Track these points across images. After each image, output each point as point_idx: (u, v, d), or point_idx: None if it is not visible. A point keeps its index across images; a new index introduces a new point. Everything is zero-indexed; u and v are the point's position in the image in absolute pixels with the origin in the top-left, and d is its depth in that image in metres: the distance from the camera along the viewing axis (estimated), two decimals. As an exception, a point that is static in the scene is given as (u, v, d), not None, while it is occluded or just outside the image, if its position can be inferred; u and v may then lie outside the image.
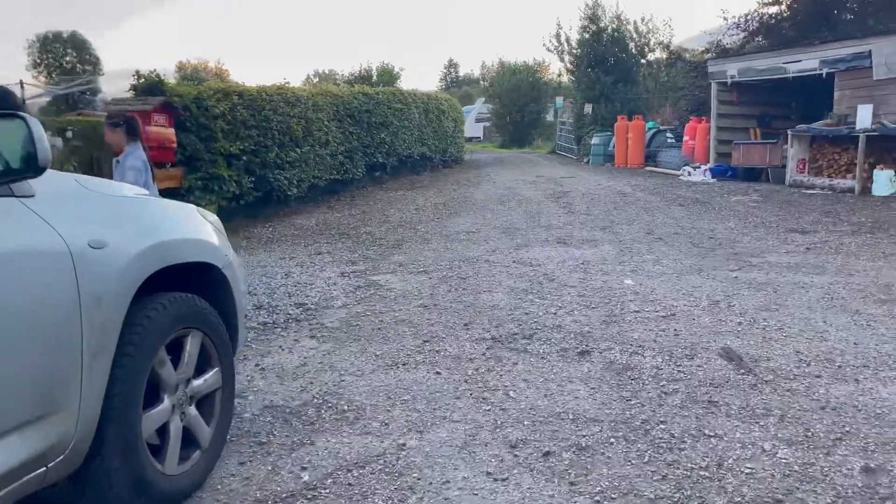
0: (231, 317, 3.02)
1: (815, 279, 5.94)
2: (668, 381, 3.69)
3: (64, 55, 50.58)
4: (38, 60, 50.61)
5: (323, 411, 3.47)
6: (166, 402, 2.54)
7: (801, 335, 4.42)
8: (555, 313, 5.10)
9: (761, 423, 3.15)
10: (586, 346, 4.32)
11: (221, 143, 9.35)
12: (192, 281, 2.80)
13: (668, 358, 4.06)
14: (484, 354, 4.23)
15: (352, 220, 10.77)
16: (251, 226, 10.21)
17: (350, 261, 7.52)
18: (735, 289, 5.71)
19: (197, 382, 2.74)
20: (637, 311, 5.08)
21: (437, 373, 3.94)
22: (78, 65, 49.86)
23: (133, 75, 8.56)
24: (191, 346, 2.68)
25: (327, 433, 3.22)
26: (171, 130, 8.29)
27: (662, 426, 3.16)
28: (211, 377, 2.82)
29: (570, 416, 3.29)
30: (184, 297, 2.63)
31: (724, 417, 3.23)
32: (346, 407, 3.50)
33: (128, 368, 2.29)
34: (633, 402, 3.43)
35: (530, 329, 4.72)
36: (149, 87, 8.38)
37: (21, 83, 11.75)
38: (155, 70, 8.35)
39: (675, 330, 4.60)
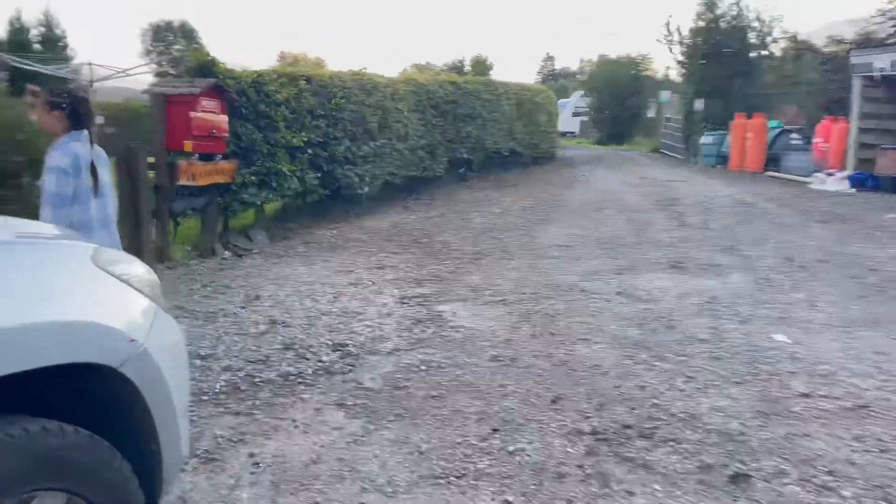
0: (148, 440, 1.75)
1: None
2: (903, 569, 2.15)
3: (173, 43, 52.13)
4: (151, 48, 52.40)
5: (319, 573, 2.16)
6: None
7: None
8: (682, 389, 3.59)
9: None
10: (742, 462, 2.81)
11: (283, 133, 8.26)
12: (69, 392, 1.55)
13: (884, 505, 2.50)
14: (581, 466, 2.80)
15: (427, 224, 9.49)
16: (315, 227, 9.11)
17: (416, 280, 6.22)
18: (943, 361, 4.00)
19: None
20: (806, 395, 3.50)
21: (507, 503, 2.55)
22: (186, 54, 51.15)
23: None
24: (34, 526, 1.42)
25: None
26: (223, 118, 7.23)
27: None
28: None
29: None
30: (27, 429, 1.37)
31: None
32: (355, 569, 2.17)
33: None
34: None
35: (650, 419, 3.24)
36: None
37: (90, 64, 11.20)
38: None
39: (879, 440, 3.01)
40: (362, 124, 9.94)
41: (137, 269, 1.84)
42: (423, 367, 3.96)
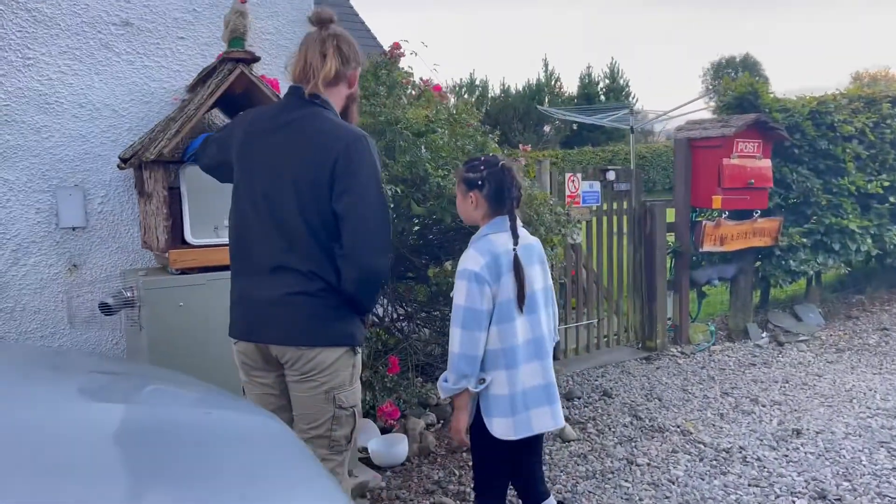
0: None
1: None
2: None
3: (734, 79, 50.67)
4: (710, 87, 52.17)
5: None
6: None
7: None
8: None
9: None
10: None
11: (854, 177, 6.07)
12: None
13: None
14: None
15: None
16: (889, 305, 6.55)
17: None
18: None
19: None
20: None
21: None
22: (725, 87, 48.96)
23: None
24: None
25: None
26: (765, 163, 5.57)
27: None
28: None
29: None
30: None
31: None
32: None
33: None
34: None
35: None
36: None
37: (630, 111, 10.68)
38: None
39: None
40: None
41: None
42: None
